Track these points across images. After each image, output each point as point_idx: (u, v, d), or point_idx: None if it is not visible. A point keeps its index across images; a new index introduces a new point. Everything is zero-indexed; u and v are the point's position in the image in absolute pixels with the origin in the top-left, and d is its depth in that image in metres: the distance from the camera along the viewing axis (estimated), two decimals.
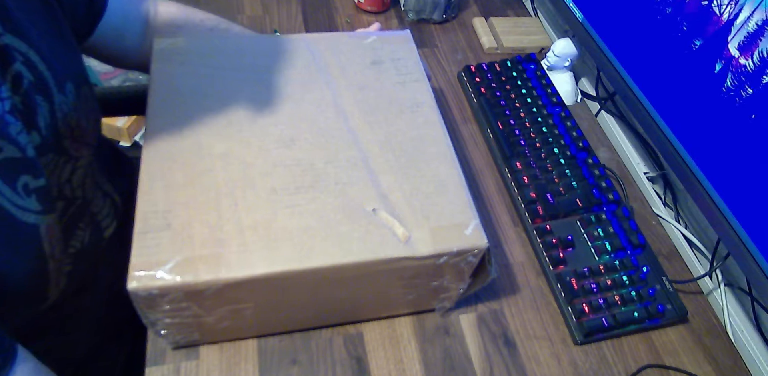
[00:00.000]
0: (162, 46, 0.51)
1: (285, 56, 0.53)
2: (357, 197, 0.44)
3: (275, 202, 0.42)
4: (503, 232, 0.64)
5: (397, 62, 0.55)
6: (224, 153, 0.45)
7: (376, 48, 0.56)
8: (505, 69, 0.78)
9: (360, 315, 0.54)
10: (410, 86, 0.53)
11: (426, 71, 0.56)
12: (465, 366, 0.53)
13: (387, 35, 0.58)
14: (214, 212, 0.41)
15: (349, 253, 0.41)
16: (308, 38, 0.56)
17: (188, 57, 0.51)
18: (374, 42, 0.56)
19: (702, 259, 0.69)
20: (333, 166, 0.45)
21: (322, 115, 0.49)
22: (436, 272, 0.45)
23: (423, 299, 0.52)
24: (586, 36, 0.76)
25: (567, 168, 0.67)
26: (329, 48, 0.55)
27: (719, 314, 0.62)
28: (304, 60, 0.53)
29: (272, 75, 0.52)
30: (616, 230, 0.62)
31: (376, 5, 0.88)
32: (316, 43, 0.55)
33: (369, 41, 0.56)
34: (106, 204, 0.54)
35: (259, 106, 0.49)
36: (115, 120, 1.33)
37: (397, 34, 0.58)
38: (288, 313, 0.48)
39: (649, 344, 0.57)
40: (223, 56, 0.52)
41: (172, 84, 0.49)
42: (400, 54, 0.56)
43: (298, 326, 0.52)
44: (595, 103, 0.84)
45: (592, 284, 0.58)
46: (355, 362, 0.51)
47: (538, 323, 0.57)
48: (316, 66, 0.53)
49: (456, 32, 0.90)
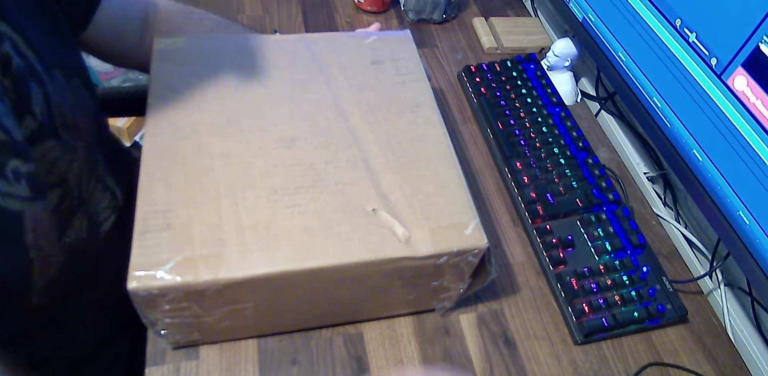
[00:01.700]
0: (162, 46, 0.51)
1: (285, 56, 0.53)
2: (357, 197, 0.44)
3: (275, 202, 0.42)
4: (503, 232, 0.64)
5: (397, 62, 0.55)
6: (224, 153, 0.45)
7: (376, 48, 0.56)
8: (505, 69, 0.78)
9: (360, 315, 0.54)
10: (410, 86, 0.53)
11: (426, 71, 0.56)
12: (465, 366, 0.53)
13: (387, 35, 0.58)
14: (214, 212, 0.41)
15: (348, 253, 0.41)
16: (308, 38, 0.56)
17: (188, 57, 0.51)
18: (374, 42, 0.56)
19: (702, 259, 0.69)
20: (333, 166, 0.45)
21: (322, 115, 0.49)
22: (436, 272, 0.45)
23: (423, 299, 0.52)
24: (586, 36, 0.76)
25: (567, 168, 0.67)
26: (329, 48, 0.55)
27: (719, 314, 0.62)
28: (304, 60, 0.54)
29: (272, 75, 0.52)
30: (616, 230, 0.62)
31: (376, 5, 0.88)
32: (316, 43, 0.55)
33: (369, 41, 0.57)
34: (106, 197, 0.54)
35: (259, 106, 0.49)
36: (115, 120, 1.33)
37: (398, 34, 0.58)
38: (288, 313, 0.48)
39: (649, 344, 0.57)
40: (223, 56, 0.52)
41: (171, 84, 0.49)
42: (401, 54, 0.56)
43: (298, 326, 0.52)
44: (595, 103, 0.84)
45: (592, 284, 0.58)
46: (355, 362, 0.51)
47: (538, 323, 0.57)
48: (316, 66, 0.53)
49: (456, 32, 0.90)
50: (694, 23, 0.57)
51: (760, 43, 0.49)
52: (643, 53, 0.65)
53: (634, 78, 0.67)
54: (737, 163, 0.53)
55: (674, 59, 0.59)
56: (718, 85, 0.54)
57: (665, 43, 0.61)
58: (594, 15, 0.74)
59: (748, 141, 0.51)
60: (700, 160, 0.58)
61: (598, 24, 0.73)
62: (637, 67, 0.66)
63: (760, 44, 0.49)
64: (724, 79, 0.53)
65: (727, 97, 0.53)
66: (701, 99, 0.57)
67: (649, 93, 0.65)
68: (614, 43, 0.70)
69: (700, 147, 0.58)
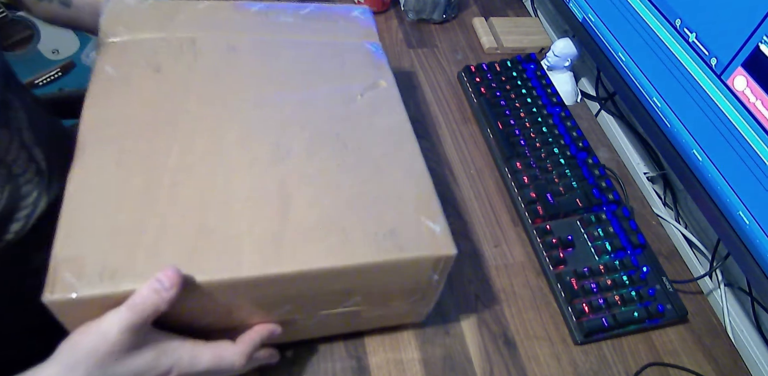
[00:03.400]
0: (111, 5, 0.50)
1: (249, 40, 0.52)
2: (313, 200, 0.41)
3: (207, 209, 0.39)
4: (503, 232, 0.64)
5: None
6: (153, 158, 0.42)
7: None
8: (505, 69, 0.78)
9: (312, 332, 0.50)
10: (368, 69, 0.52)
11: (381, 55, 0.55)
12: (465, 366, 0.53)
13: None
14: (140, 218, 0.38)
15: (310, 260, 0.38)
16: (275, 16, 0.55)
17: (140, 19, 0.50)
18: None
19: (702, 259, 0.69)
20: (284, 166, 0.43)
21: (273, 128, 0.46)
22: (402, 279, 0.43)
23: (392, 311, 0.49)
24: (586, 36, 0.76)
25: (567, 168, 0.67)
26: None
27: (719, 314, 0.62)
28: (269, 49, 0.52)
29: (228, 62, 0.50)
30: (616, 230, 0.62)
31: (376, 5, 0.88)
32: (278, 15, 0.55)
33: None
34: (30, 169, 0.49)
35: (206, 101, 0.46)
36: None
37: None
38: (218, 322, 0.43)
39: (649, 344, 0.57)
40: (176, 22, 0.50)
41: (112, 74, 0.46)
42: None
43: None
44: (595, 103, 0.84)
45: (592, 284, 0.58)
46: (355, 362, 0.51)
47: (538, 323, 0.57)
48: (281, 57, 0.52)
49: (456, 32, 0.90)
50: (694, 23, 0.57)
51: (760, 43, 0.49)
52: (643, 53, 0.65)
53: (634, 78, 0.67)
54: (737, 163, 0.53)
55: (674, 59, 0.59)
56: (718, 85, 0.54)
57: (665, 43, 0.61)
58: (594, 15, 0.74)
59: (748, 141, 0.51)
60: (700, 160, 0.58)
61: (598, 24, 0.73)
62: (637, 67, 0.66)
63: (759, 44, 0.49)
64: (724, 80, 0.53)
65: (727, 97, 0.53)
66: (701, 99, 0.57)
67: (649, 93, 0.65)
68: (614, 43, 0.70)
69: (700, 147, 0.58)
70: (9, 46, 1.22)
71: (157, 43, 0.50)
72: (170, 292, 0.35)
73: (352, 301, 0.44)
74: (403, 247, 0.40)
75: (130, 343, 0.35)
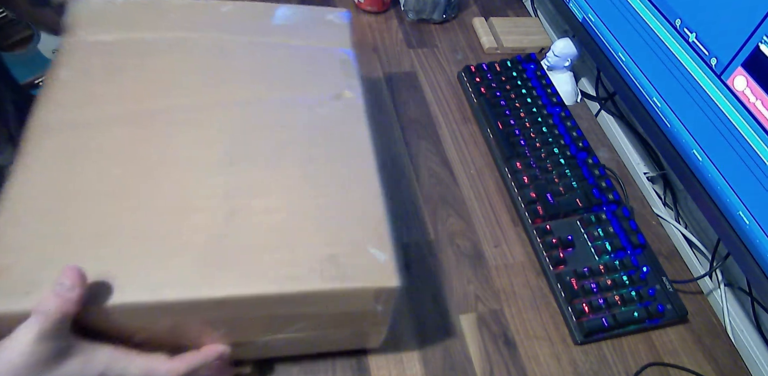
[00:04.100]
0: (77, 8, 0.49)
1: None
2: (261, 212, 0.39)
3: (148, 219, 0.37)
4: (503, 232, 0.64)
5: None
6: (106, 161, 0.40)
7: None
8: (505, 69, 0.78)
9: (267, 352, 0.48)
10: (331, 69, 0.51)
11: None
12: (465, 366, 0.53)
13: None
14: (75, 227, 0.37)
15: (242, 284, 0.36)
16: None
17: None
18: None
19: (702, 259, 0.69)
20: (235, 174, 0.41)
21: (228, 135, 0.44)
22: (346, 307, 0.40)
23: (342, 337, 0.47)
24: (586, 36, 0.76)
25: (567, 168, 0.67)
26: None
27: (719, 314, 0.62)
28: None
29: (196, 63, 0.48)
30: (616, 230, 0.62)
31: (376, 5, 0.88)
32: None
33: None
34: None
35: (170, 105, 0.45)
36: None
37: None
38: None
39: (649, 344, 0.57)
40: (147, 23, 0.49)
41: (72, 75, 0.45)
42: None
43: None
44: (595, 103, 0.84)
45: (592, 284, 0.58)
46: (355, 362, 0.51)
47: (538, 323, 0.57)
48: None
49: (456, 32, 0.90)
50: (694, 23, 0.57)
51: (760, 43, 0.49)
52: (643, 53, 0.65)
53: (634, 78, 0.67)
54: (737, 163, 0.53)
55: (674, 59, 0.60)
56: (718, 85, 0.54)
57: (665, 43, 0.61)
58: (594, 15, 0.74)
59: (748, 141, 0.51)
60: (700, 160, 0.58)
61: (598, 24, 0.73)
62: (637, 67, 0.66)
63: (759, 44, 0.49)
64: (724, 80, 0.53)
65: (727, 97, 0.53)
66: (701, 99, 0.57)
67: (649, 93, 0.65)
68: (614, 43, 0.70)
69: (700, 147, 0.58)
70: (9, 46, 1.22)
71: (115, 44, 0.48)
72: (74, 292, 0.33)
73: (295, 327, 0.42)
74: (344, 276, 0.37)
75: (49, 352, 0.33)
